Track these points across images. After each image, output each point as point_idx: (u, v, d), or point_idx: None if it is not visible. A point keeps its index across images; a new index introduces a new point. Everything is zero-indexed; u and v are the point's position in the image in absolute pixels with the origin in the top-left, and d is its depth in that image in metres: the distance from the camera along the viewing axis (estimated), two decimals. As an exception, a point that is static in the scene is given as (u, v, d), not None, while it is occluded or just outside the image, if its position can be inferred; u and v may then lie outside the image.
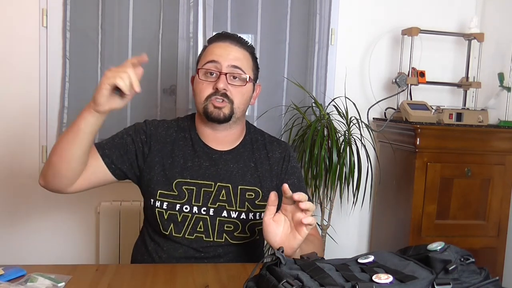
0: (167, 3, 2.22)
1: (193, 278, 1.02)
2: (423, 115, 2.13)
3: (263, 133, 1.39)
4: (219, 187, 1.25)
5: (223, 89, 1.21)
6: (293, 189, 1.26)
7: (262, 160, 1.32)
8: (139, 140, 1.27)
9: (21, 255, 2.23)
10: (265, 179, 1.30)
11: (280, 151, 1.35)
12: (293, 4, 2.33)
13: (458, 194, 2.11)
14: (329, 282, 0.74)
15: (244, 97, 1.26)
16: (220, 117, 1.22)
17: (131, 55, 2.21)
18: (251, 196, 1.27)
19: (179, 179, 1.24)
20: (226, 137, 1.30)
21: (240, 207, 1.25)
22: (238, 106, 1.24)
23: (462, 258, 0.79)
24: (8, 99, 2.17)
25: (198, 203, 1.24)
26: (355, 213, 2.43)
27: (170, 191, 1.24)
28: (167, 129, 1.31)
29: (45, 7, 2.14)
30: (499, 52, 2.32)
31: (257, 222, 1.26)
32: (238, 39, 1.28)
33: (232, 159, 1.29)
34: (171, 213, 1.23)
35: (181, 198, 1.23)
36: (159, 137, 1.29)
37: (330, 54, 2.39)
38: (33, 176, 2.23)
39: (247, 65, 1.27)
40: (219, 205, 1.25)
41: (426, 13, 2.45)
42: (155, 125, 1.31)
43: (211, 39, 1.30)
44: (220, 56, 1.23)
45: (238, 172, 1.28)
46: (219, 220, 1.24)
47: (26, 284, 0.94)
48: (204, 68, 1.24)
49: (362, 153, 2.17)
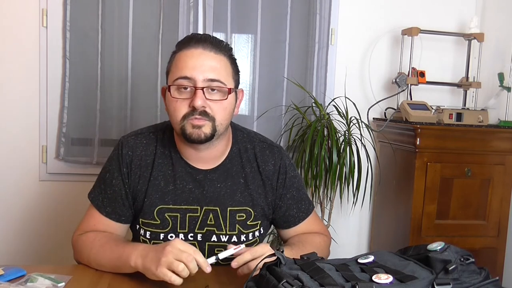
0: (167, 3, 2.22)
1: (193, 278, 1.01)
2: (423, 115, 2.13)
3: (252, 138, 1.23)
4: (206, 211, 1.14)
5: (201, 107, 1.05)
6: (292, 202, 1.23)
7: (254, 174, 1.19)
8: (124, 177, 1.15)
9: (21, 255, 2.23)
10: (258, 197, 1.18)
11: (274, 162, 1.20)
12: (293, 4, 2.33)
13: (458, 194, 2.11)
14: (329, 282, 0.74)
15: (227, 111, 1.09)
16: (201, 138, 1.06)
17: (131, 55, 2.21)
18: (242, 218, 1.16)
19: (161, 205, 1.13)
20: (210, 154, 1.15)
21: (230, 230, 1.15)
22: (220, 123, 1.08)
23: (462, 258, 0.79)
24: (8, 99, 2.17)
25: (184, 229, 1.13)
26: (355, 213, 2.43)
27: (152, 219, 1.13)
28: (146, 147, 1.16)
29: (45, 7, 2.14)
30: (499, 52, 2.32)
31: (250, 242, 1.18)
32: (212, 42, 1.09)
33: (218, 178, 1.16)
34: (155, 243, 1.12)
35: (165, 226, 1.13)
36: (137, 161, 1.15)
37: (330, 54, 2.39)
38: (33, 176, 2.24)
39: (226, 74, 1.09)
40: (207, 230, 1.14)
41: (426, 13, 2.45)
42: (131, 146, 1.15)
43: (180, 44, 1.11)
44: (194, 70, 1.05)
45: (227, 192, 1.16)
46: (209, 245, 1.15)
47: (26, 284, 0.94)
48: (176, 84, 1.07)
49: (362, 153, 2.17)
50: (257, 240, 1.21)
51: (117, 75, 2.22)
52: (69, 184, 2.24)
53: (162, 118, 2.23)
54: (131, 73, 2.22)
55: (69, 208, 2.26)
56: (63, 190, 2.26)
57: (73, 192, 2.25)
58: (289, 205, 1.23)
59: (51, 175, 2.23)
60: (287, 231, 1.26)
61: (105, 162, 1.20)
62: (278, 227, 1.27)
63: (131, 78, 2.22)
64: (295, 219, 1.24)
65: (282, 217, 1.24)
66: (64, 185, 2.25)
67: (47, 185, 2.24)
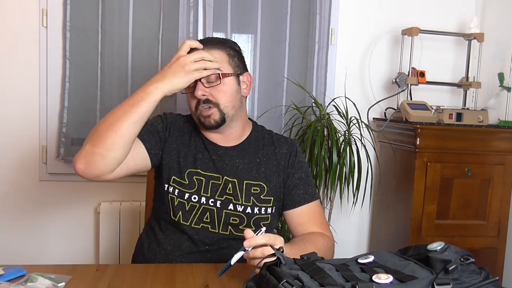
0: (167, 3, 2.22)
1: (193, 278, 1.01)
2: (423, 115, 2.13)
3: (270, 131, 1.42)
4: (226, 181, 1.28)
5: (202, 96, 1.22)
6: (301, 183, 1.33)
7: (269, 155, 1.34)
8: (164, 125, 1.31)
9: (21, 255, 2.23)
10: (272, 174, 1.32)
11: (287, 146, 1.37)
12: (293, 4, 2.33)
13: (458, 194, 2.11)
14: (329, 282, 0.74)
15: (229, 93, 1.25)
16: (212, 124, 1.25)
17: (131, 55, 2.21)
18: (257, 191, 1.29)
19: (191, 168, 1.27)
20: (230, 135, 1.31)
21: (245, 201, 1.27)
22: (225, 105, 1.24)
23: (462, 258, 0.79)
24: (8, 99, 2.17)
25: (206, 194, 1.26)
26: (355, 213, 2.43)
27: (182, 179, 1.27)
28: (184, 121, 1.35)
29: (45, 7, 2.14)
30: (499, 52, 2.32)
31: (263, 216, 1.29)
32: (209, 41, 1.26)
33: (237, 154, 1.31)
34: (180, 201, 1.26)
35: (191, 187, 1.26)
36: (178, 126, 1.33)
37: (330, 54, 2.39)
38: (33, 176, 2.24)
39: (220, 61, 1.23)
40: (226, 198, 1.27)
41: (426, 13, 2.45)
42: (174, 116, 1.36)
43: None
44: None
45: (244, 167, 1.30)
46: (225, 212, 1.27)
47: (26, 284, 0.94)
48: None
49: (362, 153, 2.17)
50: (269, 217, 1.30)
51: (117, 75, 2.22)
52: (69, 184, 2.24)
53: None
54: (131, 73, 2.22)
55: (69, 208, 2.26)
56: (63, 190, 2.26)
57: (73, 192, 2.25)
58: (297, 184, 1.33)
59: (51, 175, 2.23)
60: (293, 212, 1.33)
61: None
62: (285, 208, 1.34)
63: (131, 78, 2.22)
64: (300, 199, 1.32)
65: (289, 195, 1.33)
66: (64, 185, 2.25)
67: (47, 185, 2.24)
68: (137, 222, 2.20)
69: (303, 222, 1.32)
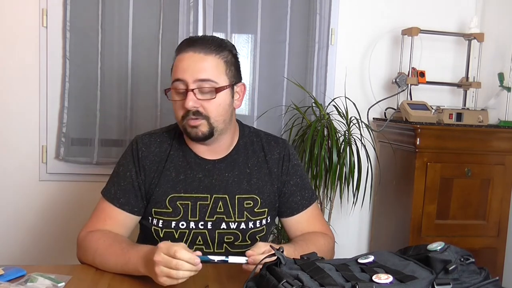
0: (167, 3, 2.22)
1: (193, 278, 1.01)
2: (423, 115, 2.13)
3: (258, 133, 1.31)
4: (216, 199, 1.20)
5: (193, 107, 1.13)
6: (297, 189, 1.28)
7: (260, 164, 1.26)
8: (137, 170, 1.21)
9: (21, 255, 2.23)
10: (264, 185, 1.25)
11: (279, 151, 1.28)
12: (293, 4, 2.33)
13: (458, 194, 2.11)
14: (329, 282, 0.74)
15: (221, 107, 1.16)
16: (199, 136, 1.15)
17: (131, 55, 2.21)
18: (250, 205, 1.22)
19: (172, 194, 1.19)
20: (217, 147, 1.23)
21: (239, 217, 1.21)
22: (215, 119, 1.15)
23: (462, 258, 0.79)
24: (8, 99, 2.17)
25: (194, 217, 1.19)
26: (355, 213, 2.43)
27: (164, 208, 1.18)
28: (160, 144, 1.24)
29: (45, 7, 2.14)
30: (499, 52, 2.32)
31: (258, 229, 1.24)
32: (202, 44, 1.15)
33: (226, 167, 1.23)
34: (167, 231, 1.18)
35: (176, 214, 1.18)
36: (152, 157, 1.22)
37: (330, 54, 2.39)
38: (33, 176, 2.24)
39: (217, 72, 1.15)
40: (217, 218, 1.20)
41: (426, 13, 2.45)
42: (145, 143, 1.23)
43: (177, 48, 1.19)
44: (185, 72, 1.13)
45: (234, 180, 1.23)
46: (218, 232, 1.20)
47: (26, 284, 0.94)
48: (173, 87, 1.16)
49: (362, 153, 2.17)
50: (264, 229, 1.25)
51: (117, 75, 2.22)
52: (69, 184, 2.24)
53: (162, 118, 2.23)
54: (131, 73, 2.22)
55: (69, 208, 2.26)
56: (63, 190, 2.26)
57: (73, 192, 2.25)
58: (293, 191, 1.28)
59: (51, 175, 2.23)
60: (291, 220, 1.29)
61: (119, 159, 1.26)
62: (282, 216, 1.30)
63: (131, 78, 2.22)
64: (298, 206, 1.28)
65: (286, 203, 1.28)
66: (64, 185, 2.25)
67: (47, 185, 2.24)
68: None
69: (303, 228, 1.28)
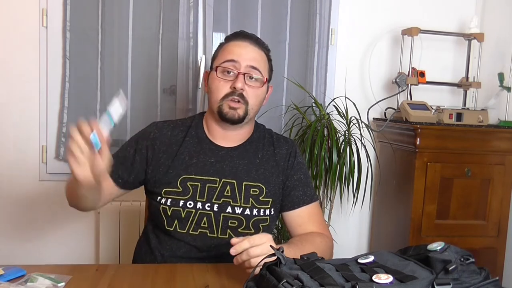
0: (167, 3, 2.22)
1: (193, 278, 1.02)
2: (423, 115, 2.13)
3: (270, 131, 1.42)
4: (224, 183, 1.26)
5: (240, 89, 1.22)
6: (300, 184, 1.33)
7: (269, 156, 1.33)
8: (141, 147, 1.30)
9: (21, 255, 2.23)
10: (271, 175, 1.31)
11: (287, 147, 1.36)
12: (293, 4, 2.33)
13: (458, 194, 2.11)
14: (329, 282, 0.74)
15: (259, 99, 1.28)
16: (235, 118, 1.24)
17: (131, 55, 2.21)
18: (256, 192, 1.28)
19: (184, 175, 1.25)
20: (236, 136, 1.32)
21: (244, 202, 1.26)
22: (252, 107, 1.26)
23: (462, 258, 0.79)
24: (8, 99, 2.17)
25: (202, 198, 1.24)
26: (355, 213, 2.43)
27: (175, 187, 1.24)
28: (172, 129, 1.33)
29: (45, 7, 2.14)
30: (499, 52, 2.32)
31: (261, 218, 1.27)
32: (257, 39, 1.30)
33: (238, 155, 1.31)
34: (174, 209, 1.23)
35: (185, 194, 1.24)
36: (164, 139, 1.30)
37: (330, 54, 2.39)
38: (33, 176, 2.23)
39: (264, 67, 1.28)
40: (223, 201, 1.25)
41: (426, 13, 2.45)
42: (159, 127, 1.33)
43: (229, 37, 1.32)
44: (239, 56, 1.24)
45: (244, 168, 1.29)
46: (223, 216, 1.24)
47: (26, 284, 0.94)
48: (222, 66, 1.24)
49: (362, 153, 2.17)
50: (268, 219, 1.29)
51: (117, 75, 2.22)
52: (69, 184, 2.24)
53: (162, 118, 2.23)
54: (131, 73, 2.22)
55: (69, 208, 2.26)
56: (63, 190, 2.25)
57: (73, 192, 2.25)
58: (296, 185, 1.33)
59: (51, 175, 2.23)
60: (292, 213, 1.32)
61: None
62: (284, 210, 1.34)
63: (131, 78, 2.22)
64: (299, 201, 1.32)
65: (288, 196, 1.32)
66: (64, 185, 2.24)
67: (47, 185, 2.24)
68: (137, 222, 2.20)
69: (302, 223, 1.31)
